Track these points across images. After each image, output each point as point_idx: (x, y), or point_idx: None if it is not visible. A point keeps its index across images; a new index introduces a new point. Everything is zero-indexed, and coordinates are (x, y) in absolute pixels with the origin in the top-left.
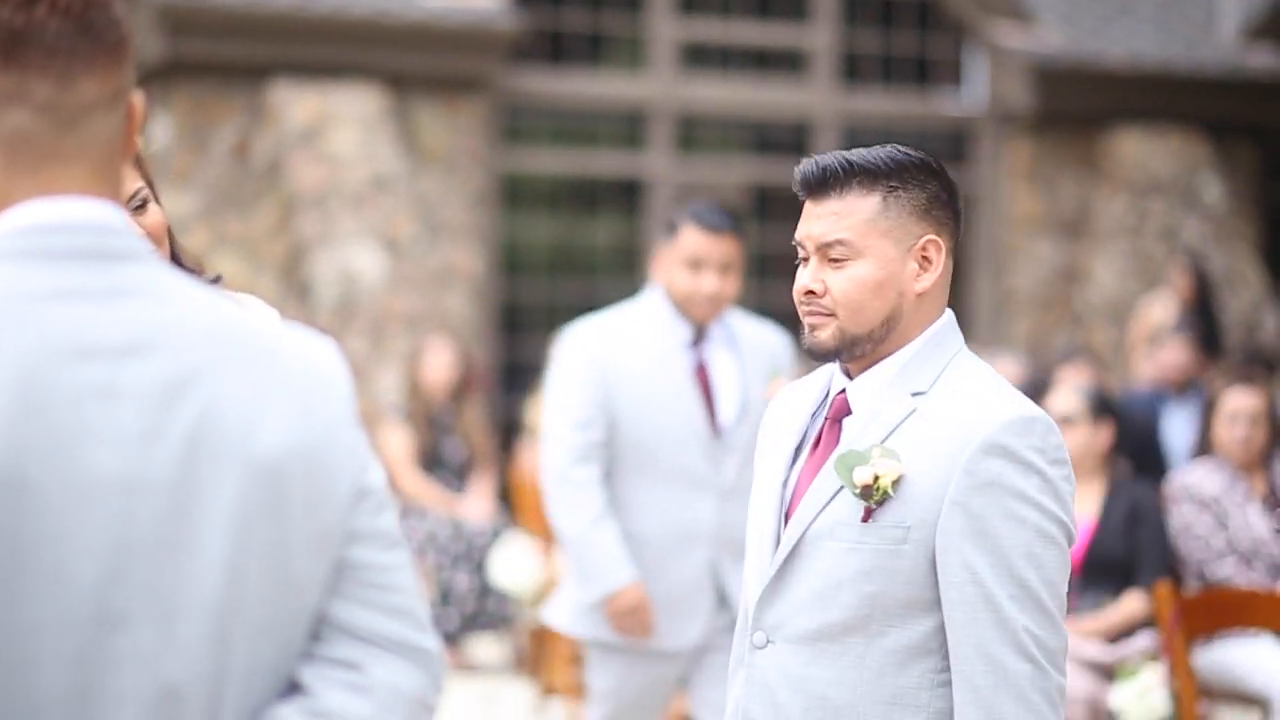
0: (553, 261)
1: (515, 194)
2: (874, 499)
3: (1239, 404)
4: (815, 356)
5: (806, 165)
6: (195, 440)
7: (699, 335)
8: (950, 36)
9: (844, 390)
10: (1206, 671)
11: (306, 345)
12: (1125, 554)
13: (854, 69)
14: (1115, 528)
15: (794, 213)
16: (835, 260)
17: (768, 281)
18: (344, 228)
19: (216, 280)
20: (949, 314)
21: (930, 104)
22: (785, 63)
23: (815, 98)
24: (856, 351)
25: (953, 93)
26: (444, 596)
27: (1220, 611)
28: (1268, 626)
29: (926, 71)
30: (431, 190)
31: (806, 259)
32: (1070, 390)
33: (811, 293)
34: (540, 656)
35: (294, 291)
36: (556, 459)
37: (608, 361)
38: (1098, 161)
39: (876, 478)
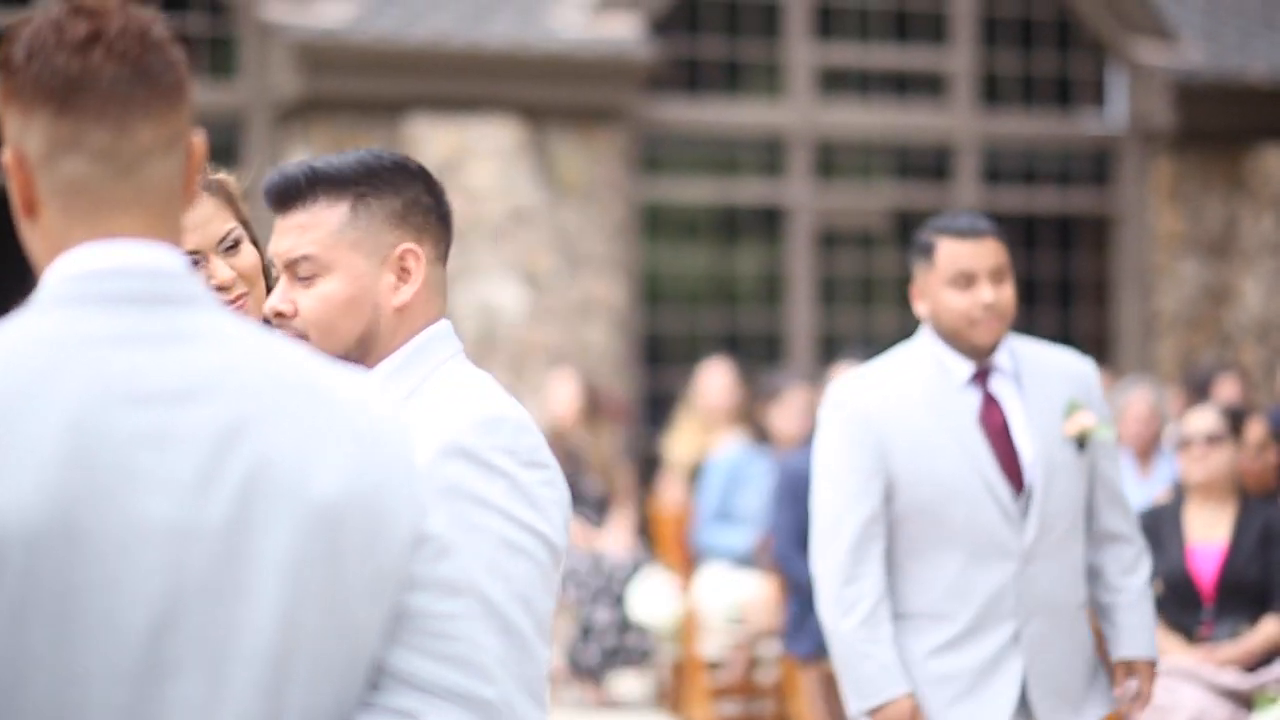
0: (694, 291)
1: (655, 224)
2: None
3: None
4: None
5: (271, 176)
6: (249, 486)
7: (982, 369)
8: (1091, 55)
9: None
10: None
11: (365, 390)
12: (1260, 577)
13: (994, 90)
14: (1249, 551)
15: None
16: (304, 278)
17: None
18: (483, 261)
19: None
20: (443, 323)
21: (1072, 124)
22: (925, 86)
23: (956, 121)
24: None
25: (1094, 112)
26: (584, 632)
27: None
28: None
29: (1067, 91)
30: (570, 222)
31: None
32: (1209, 409)
33: (281, 314)
34: (681, 692)
35: None
36: (828, 545)
37: (875, 414)
38: (1243, 179)
39: None
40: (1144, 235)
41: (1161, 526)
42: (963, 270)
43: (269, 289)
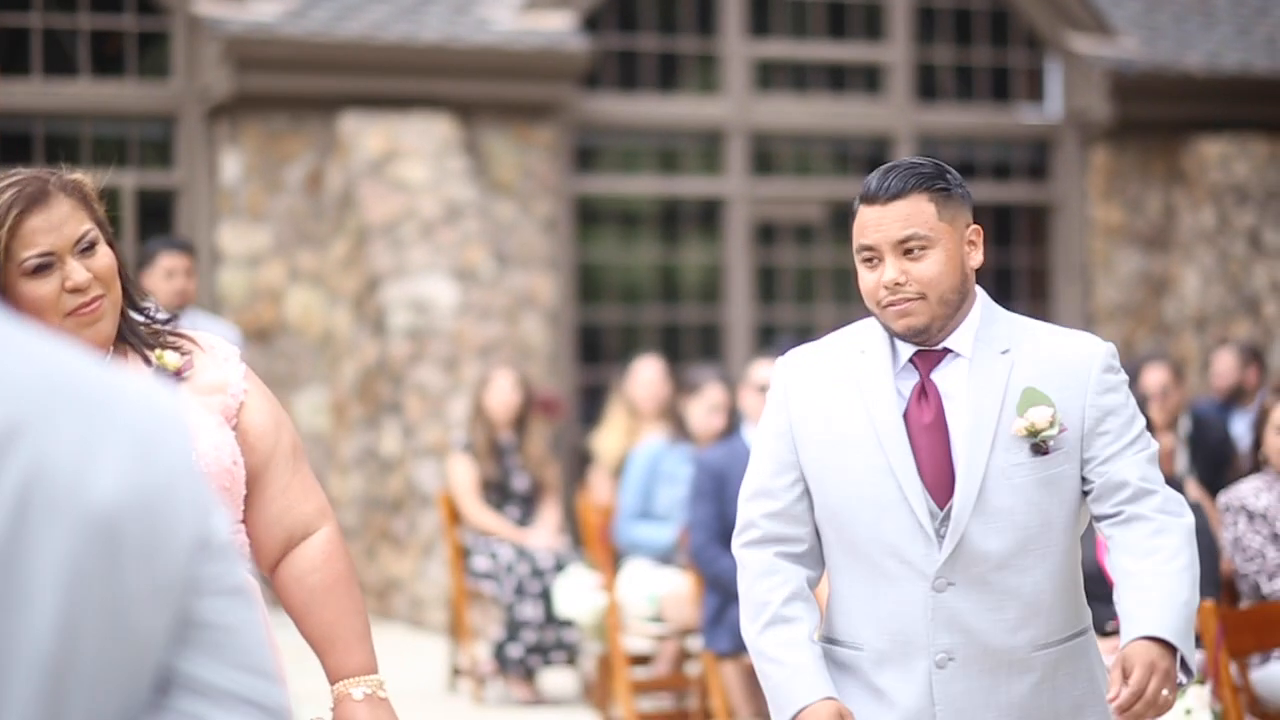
0: (632, 286)
1: (589, 220)
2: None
3: None
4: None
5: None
6: (25, 494)
7: (925, 358)
8: (1027, 48)
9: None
10: (1262, 689)
11: (146, 391)
12: None
13: (930, 83)
14: None
15: None
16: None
17: (843, 303)
18: (417, 258)
19: (171, 320)
20: None
21: (1008, 116)
22: (861, 79)
23: (892, 113)
24: None
25: (1031, 105)
26: (511, 628)
27: (1267, 628)
28: None
29: (1004, 84)
30: (504, 218)
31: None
32: None
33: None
34: (607, 687)
35: (368, 323)
36: (736, 538)
37: (794, 398)
38: (1181, 170)
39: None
40: (1082, 226)
41: None
42: (864, 244)
43: (125, 290)
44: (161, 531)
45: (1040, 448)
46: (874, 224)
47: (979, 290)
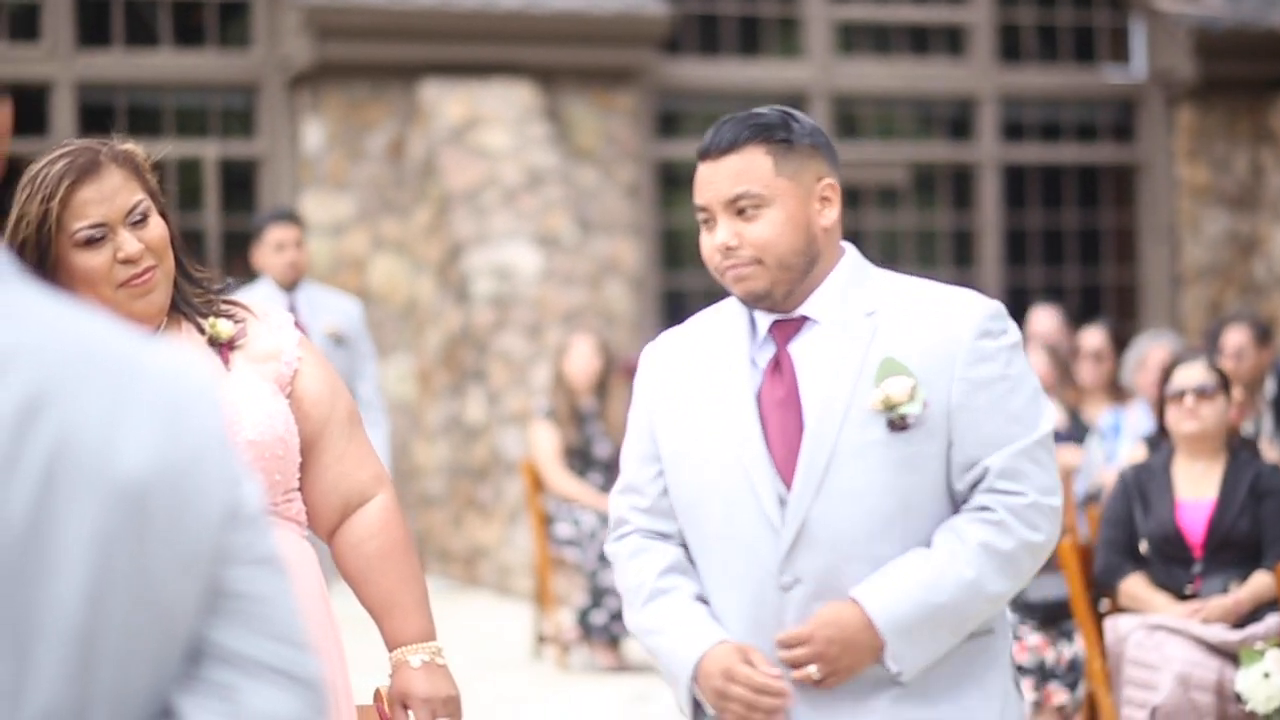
0: None
1: (672, 185)
2: None
3: None
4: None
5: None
6: (52, 464)
7: (782, 328)
8: (1111, 7)
9: None
10: None
11: (174, 361)
12: (1250, 531)
13: (1014, 44)
14: (1238, 505)
15: (956, 193)
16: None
17: (927, 266)
18: (499, 225)
19: (224, 289)
20: None
21: (1093, 76)
22: (943, 41)
23: (975, 75)
24: None
25: (1116, 65)
26: (595, 595)
27: None
28: None
29: (1089, 44)
30: (586, 184)
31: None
32: (1199, 362)
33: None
34: None
35: (451, 290)
36: (609, 535)
37: (651, 381)
38: (1267, 128)
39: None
40: (1169, 187)
41: (1150, 482)
42: (698, 204)
43: (178, 260)
44: (190, 501)
45: (897, 423)
46: (706, 181)
47: (848, 248)
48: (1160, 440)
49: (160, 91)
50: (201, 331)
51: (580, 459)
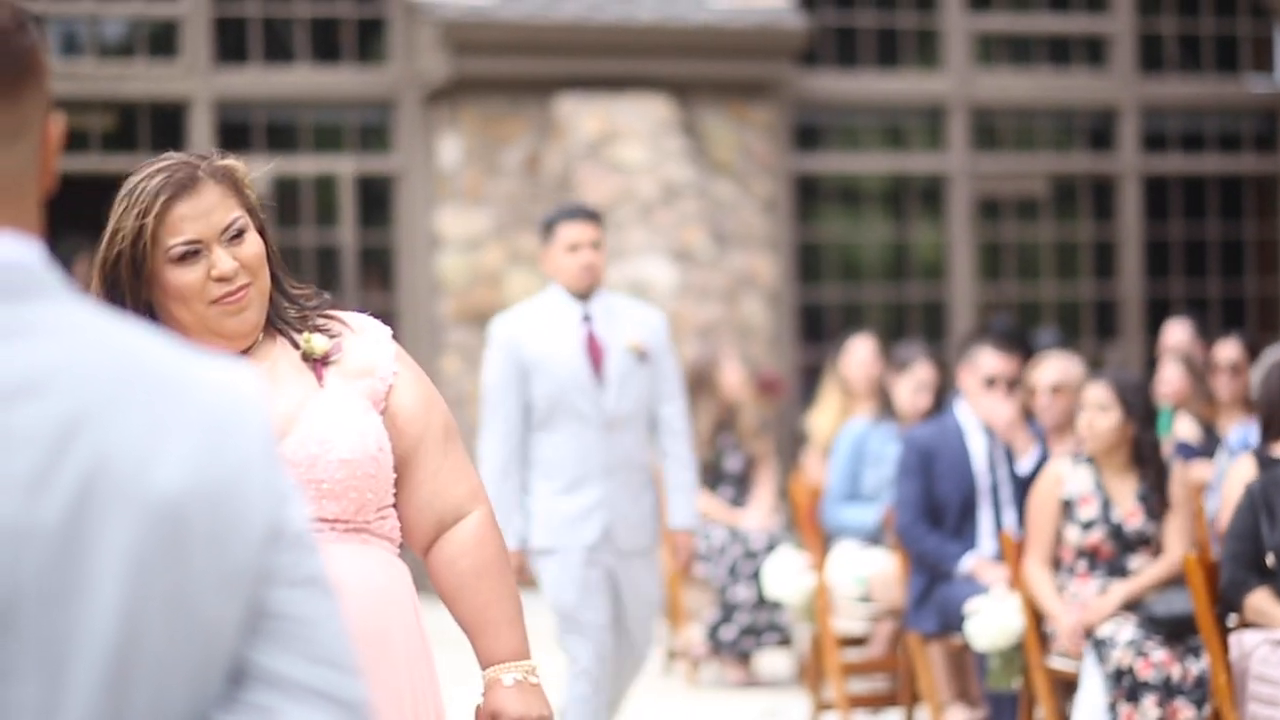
0: (851, 265)
1: (809, 198)
2: None
3: None
4: None
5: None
6: (87, 483)
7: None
8: (1253, 17)
9: None
10: None
11: (221, 377)
12: None
13: (1155, 54)
14: None
15: (1097, 204)
16: None
17: (1067, 278)
18: (635, 239)
19: (322, 304)
20: None
21: (1235, 86)
22: (1084, 51)
23: (1116, 85)
24: None
25: (1259, 74)
26: (725, 610)
27: None
28: None
29: (1231, 53)
30: (723, 198)
31: None
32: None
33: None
34: (818, 669)
35: None
36: None
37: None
38: None
39: None
40: None
41: (1277, 494)
42: None
43: (274, 276)
44: (230, 519)
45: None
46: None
47: None
48: (1265, 453)
49: (297, 108)
50: (296, 347)
51: (711, 473)
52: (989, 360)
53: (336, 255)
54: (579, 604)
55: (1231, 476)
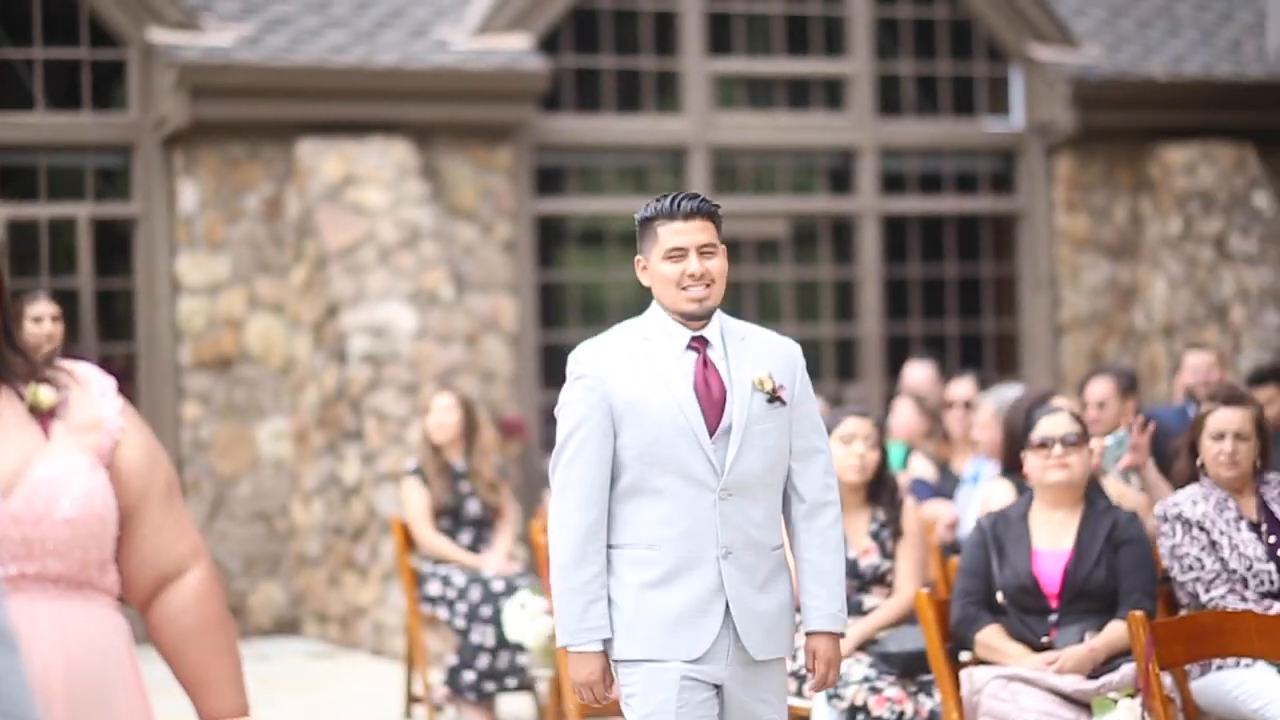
0: (595, 307)
1: (551, 240)
2: None
3: (1224, 423)
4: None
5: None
6: None
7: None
8: (989, 59)
9: None
10: (1203, 698)
11: None
12: (1106, 581)
13: (893, 96)
14: (1095, 554)
15: (836, 244)
16: None
17: (807, 318)
18: (376, 283)
19: (49, 358)
20: None
21: (972, 127)
22: (822, 94)
23: (854, 127)
24: None
25: (995, 115)
26: (465, 653)
27: (1197, 639)
28: (1246, 651)
29: (967, 95)
30: (464, 241)
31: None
32: (1064, 415)
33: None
34: (559, 712)
35: (328, 349)
36: None
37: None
38: (1146, 177)
39: None
40: (1049, 236)
41: (1006, 531)
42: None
43: (3, 319)
44: None
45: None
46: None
47: None
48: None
49: (35, 152)
50: (22, 399)
51: (451, 517)
52: None
53: (74, 300)
54: None
55: (990, 499)
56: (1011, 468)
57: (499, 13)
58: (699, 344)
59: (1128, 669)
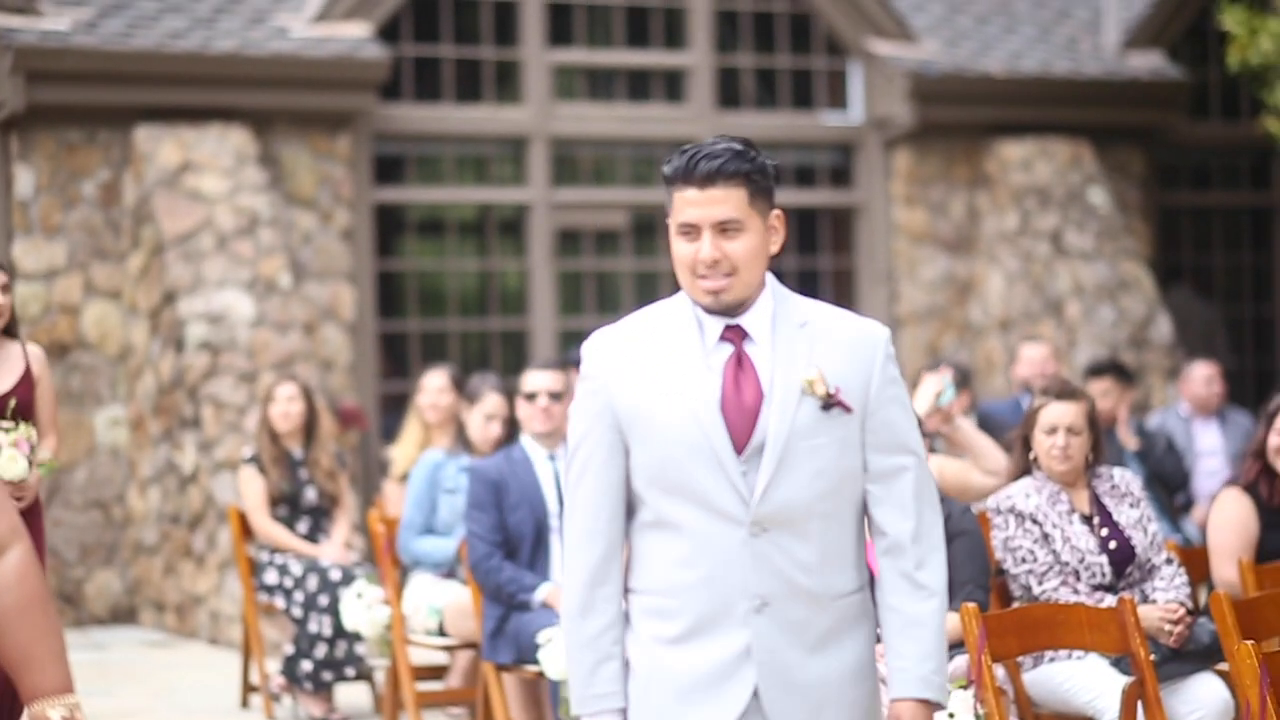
0: (435, 296)
1: (390, 229)
2: None
3: (1056, 417)
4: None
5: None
6: None
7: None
8: (828, 53)
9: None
10: (1035, 690)
11: None
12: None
13: (732, 89)
14: None
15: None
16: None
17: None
18: (213, 270)
19: None
20: None
21: (811, 120)
22: (662, 85)
23: (694, 119)
24: None
25: (833, 109)
26: (302, 642)
27: (1029, 630)
28: (1077, 643)
29: (806, 89)
30: (303, 229)
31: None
32: None
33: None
34: (395, 701)
35: (165, 336)
36: None
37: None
38: (984, 173)
39: None
40: (886, 230)
41: None
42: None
43: None
44: None
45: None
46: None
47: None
48: None
49: None
50: None
51: (289, 506)
52: (532, 379)
53: None
54: None
55: None
56: None
57: (338, 0)
58: (734, 335)
59: (960, 660)
